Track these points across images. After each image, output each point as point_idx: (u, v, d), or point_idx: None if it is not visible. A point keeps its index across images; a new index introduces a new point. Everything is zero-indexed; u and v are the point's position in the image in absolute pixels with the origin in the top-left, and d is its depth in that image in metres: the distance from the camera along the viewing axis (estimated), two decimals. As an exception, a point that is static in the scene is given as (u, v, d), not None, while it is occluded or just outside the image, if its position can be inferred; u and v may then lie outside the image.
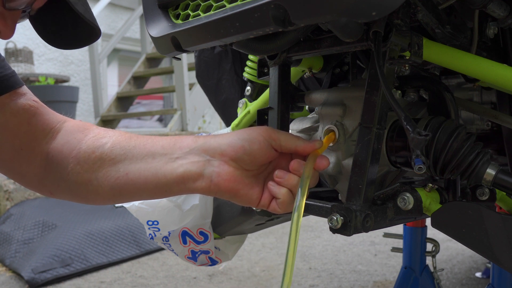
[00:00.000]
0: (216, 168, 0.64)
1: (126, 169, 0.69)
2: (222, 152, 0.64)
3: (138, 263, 2.51)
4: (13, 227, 2.66)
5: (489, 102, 0.92)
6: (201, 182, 0.64)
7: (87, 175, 0.72)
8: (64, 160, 0.74)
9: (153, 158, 0.68)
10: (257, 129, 0.66)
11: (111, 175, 0.70)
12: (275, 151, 0.66)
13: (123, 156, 0.70)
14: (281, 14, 0.53)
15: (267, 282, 2.16)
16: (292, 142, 0.66)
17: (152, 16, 0.76)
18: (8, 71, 0.76)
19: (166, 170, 0.66)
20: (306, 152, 0.66)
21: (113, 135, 0.74)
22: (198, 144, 0.66)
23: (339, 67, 0.93)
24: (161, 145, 0.68)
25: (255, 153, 0.64)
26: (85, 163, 0.72)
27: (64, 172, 0.74)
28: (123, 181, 0.69)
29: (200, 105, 4.46)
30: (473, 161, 0.66)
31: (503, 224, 0.64)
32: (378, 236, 2.82)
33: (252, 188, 0.65)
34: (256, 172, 0.67)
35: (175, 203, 1.13)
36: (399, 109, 0.61)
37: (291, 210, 0.64)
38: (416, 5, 0.64)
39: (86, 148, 0.73)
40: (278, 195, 0.64)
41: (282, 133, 0.67)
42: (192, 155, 0.66)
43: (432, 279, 1.35)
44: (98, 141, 0.73)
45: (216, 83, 1.44)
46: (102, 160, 0.71)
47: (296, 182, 0.64)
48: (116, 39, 4.90)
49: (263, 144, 0.64)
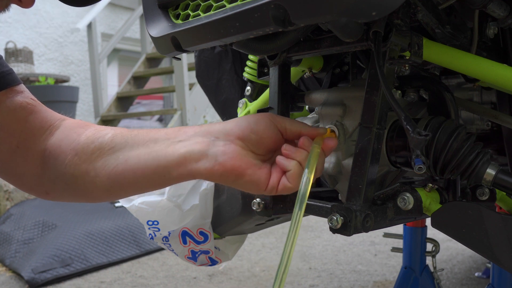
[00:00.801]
0: (221, 147, 0.61)
1: (125, 156, 0.66)
2: (228, 132, 0.63)
3: (138, 263, 2.51)
4: (13, 227, 2.66)
5: (489, 102, 0.92)
6: (204, 163, 0.61)
7: (85, 165, 0.69)
8: (62, 154, 0.72)
9: (155, 142, 0.65)
10: (262, 113, 0.66)
11: (109, 163, 0.67)
12: (280, 136, 0.65)
13: (123, 144, 0.67)
14: (281, 14, 0.53)
15: (267, 282, 2.16)
16: (297, 126, 0.65)
17: (152, 16, 0.76)
18: (5, 69, 0.76)
19: (167, 152, 0.63)
20: (311, 136, 0.65)
21: (114, 128, 0.72)
22: (203, 128, 0.65)
23: (339, 67, 0.93)
24: (164, 132, 0.67)
25: (262, 132, 0.63)
26: (83, 153, 0.70)
27: (62, 166, 0.72)
28: (121, 169, 0.66)
29: (200, 105, 4.46)
30: (473, 161, 0.66)
31: (503, 224, 0.64)
32: (378, 236, 2.82)
33: (260, 169, 0.62)
34: (263, 158, 0.65)
35: (175, 203, 1.13)
36: (399, 109, 0.61)
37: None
38: (416, 5, 0.64)
39: (85, 139, 0.71)
40: (288, 167, 0.61)
41: (286, 118, 0.66)
42: (196, 136, 0.63)
43: (432, 279, 1.35)
44: (98, 133, 0.71)
45: (216, 83, 1.44)
46: (101, 149, 0.68)
47: (305, 156, 0.62)
48: (116, 39, 4.90)
49: (269, 124, 0.63)
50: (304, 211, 0.63)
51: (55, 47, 5.61)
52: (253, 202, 0.77)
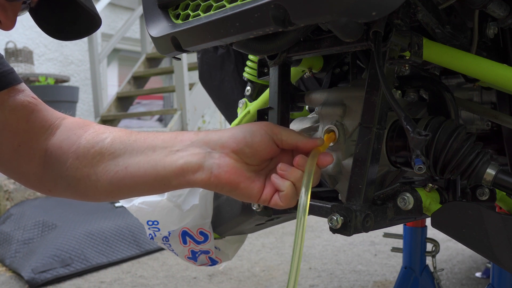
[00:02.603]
0: (216, 160, 0.63)
1: (125, 163, 0.68)
2: (223, 144, 0.64)
3: (138, 263, 2.51)
4: (13, 227, 2.66)
5: (489, 102, 0.92)
6: (200, 174, 0.63)
7: (86, 169, 0.71)
8: (63, 155, 0.74)
9: (153, 151, 0.67)
10: (259, 123, 0.66)
11: (110, 169, 0.69)
12: (276, 147, 0.66)
13: (122, 150, 0.69)
14: (281, 14, 0.53)
15: (267, 282, 2.16)
16: (293, 137, 0.65)
17: (152, 16, 0.76)
18: (6, 68, 0.76)
19: (165, 162, 0.65)
20: (307, 148, 0.65)
21: (113, 130, 0.73)
22: (200, 137, 0.66)
23: (339, 67, 0.93)
24: (161, 139, 0.68)
25: (257, 145, 0.64)
26: (84, 158, 0.71)
27: (63, 168, 0.74)
28: (121, 175, 0.68)
29: (200, 105, 4.46)
30: (473, 161, 0.66)
31: (503, 224, 0.64)
32: (378, 236, 2.82)
33: (253, 182, 0.64)
34: (258, 168, 0.66)
35: (175, 203, 1.13)
36: (399, 109, 0.61)
37: (293, 204, 0.64)
38: (416, 5, 0.64)
39: (85, 143, 0.73)
40: (282, 187, 0.63)
41: (283, 128, 0.66)
42: (193, 147, 0.65)
43: (432, 279, 1.35)
44: (98, 137, 0.73)
45: (219, 85, 1.44)
46: (102, 154, 0.70)
47: (299, 175, 0.63)
48: (116, 39, 4.90)
49: (265, 137, 0.64)
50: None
51: (55, 47, 5.61)
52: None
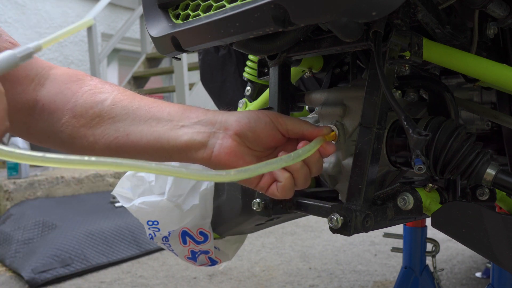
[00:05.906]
0: (219, 140, 0.64)
1: (126, 130, 0.67)
2: (227, 126, 0.65)
3: (138, 263, 2.51)
4: (13, 227, 2.66)
5: (489, 102, 0.92)
6: (202, 152, 0.64)
7: (83, 129, 0.69)
8: (57, 111, 0.71)
9: (157, 122, 0.67)
10: (266, 112, 0.67)
11: (109, 133, 0.68)
12: (281, 135, 0.66)
13: (124, 116, 0.68)
14: (281, 14, 0.53)
15: (267, 282, 2.16)
16: (299, 126, 0.66)
17: (152, 16, 0.76)
18: None
19: (170, 136, 0.65)
20: (313, 136, 0.66)
21: (111, 90, 0.71)
22: (207, 117, 0.66)
23: (339, 67, 0.93)
24: (167, 112, 0.67)
25: (259, 131, 0.64)
26: (82, 117, 0.69)
27: (57, 124, 0.71)
28: (122, 141, 0.67)
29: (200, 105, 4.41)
30: (473, 161, 0.66)
31: (503, 224, 0.64)
32: (378, 236, 2.82)
33: None
34: (261, 154, 0.66)
35: (175, 203, 1.13)
36: (399, 109, 0.61)
37: (290, 196, 0.64)
38: (416, 5, 0.64)
39: (83, 102, 0.70)
40: (280, 178, 0.64)
41: (289, 117, 0.67)
42: (199, 125, 0.66)
43: (432, 279, 1.35)
44: (96, 96, 0.70)
45: (220, 86, 1.45)
46: (101, 117, 0.68)
47: (299, 166, 0.63)
48: (116, 39, 4.91)
49: (269, 125, 0.65)
50: (304, 211, 0.63)
51: (55, 47, 5.61)
52: (253, 202, 0.77)
